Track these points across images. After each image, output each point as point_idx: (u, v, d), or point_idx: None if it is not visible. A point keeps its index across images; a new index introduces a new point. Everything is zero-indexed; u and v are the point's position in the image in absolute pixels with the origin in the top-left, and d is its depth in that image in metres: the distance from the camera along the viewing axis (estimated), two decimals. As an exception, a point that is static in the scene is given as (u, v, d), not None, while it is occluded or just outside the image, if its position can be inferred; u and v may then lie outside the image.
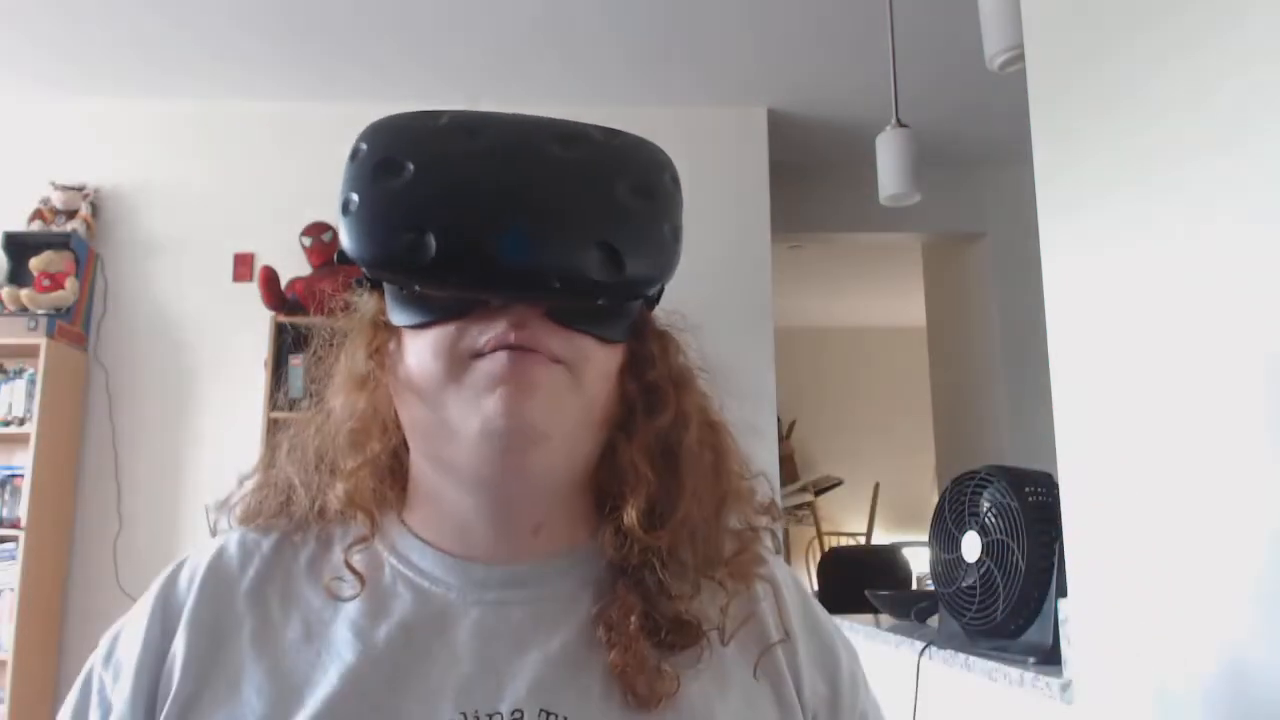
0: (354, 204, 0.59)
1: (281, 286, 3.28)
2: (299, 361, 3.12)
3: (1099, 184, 1.48)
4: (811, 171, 4.15)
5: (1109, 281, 1.46)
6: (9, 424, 3.16)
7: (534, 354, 0.58)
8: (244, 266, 3.48)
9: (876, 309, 6.94)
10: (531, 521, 0.64)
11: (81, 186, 3.46)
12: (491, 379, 0.58)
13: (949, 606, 1.81)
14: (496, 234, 0.56)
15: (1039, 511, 1.63)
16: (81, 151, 3.56)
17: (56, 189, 3.43)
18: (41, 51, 3.26)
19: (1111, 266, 1.45)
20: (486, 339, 0.58)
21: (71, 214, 3.41)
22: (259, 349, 3.27)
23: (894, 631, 2.12)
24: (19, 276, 3.28)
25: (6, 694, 2.95)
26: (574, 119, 0.63)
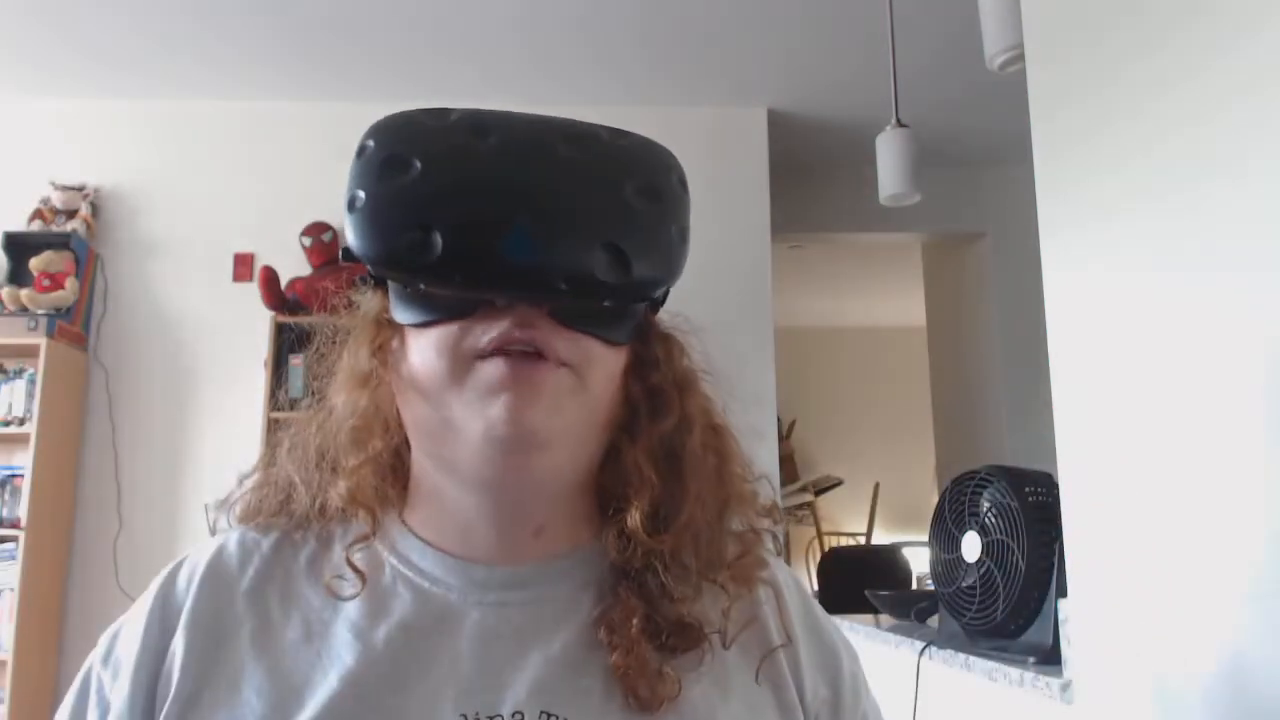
0: (360, 201, 0.58)
1: (281, 286, 3.29)
2: (299, 361, 3.12)
3: (1099, 183, 1.48)
4: (811, 171, 4.14)
5: (1109, 281, 1.46)
6: (9, 424, 3.16)
7: (538, 358, 0.58)
8: (244, 266, 3.47)
9: (876, 309, 6.94)
10: (533, 522, 0.63)
11: (81, 186, 3.46)
12: (495, 383, 0.57)
13: (949, 606, 1.81)
14: (503, 233, 0.56)
15: (1039, 511, 1.63)
16: (81, 151, 3.56)
17: (56, 189, 3.43)
18: (42, 51, 3.26)
19: (1111, 266, 1.45)
20: (490, 338, 0.58)
21: (71, 214, 3.41)
22: (259, 349, 3.27)
23: (894, 631, 2.12)
24: (19, 276, 3.28)
25: (6, 694, 2.94)
26: (574, 119, 0.63)
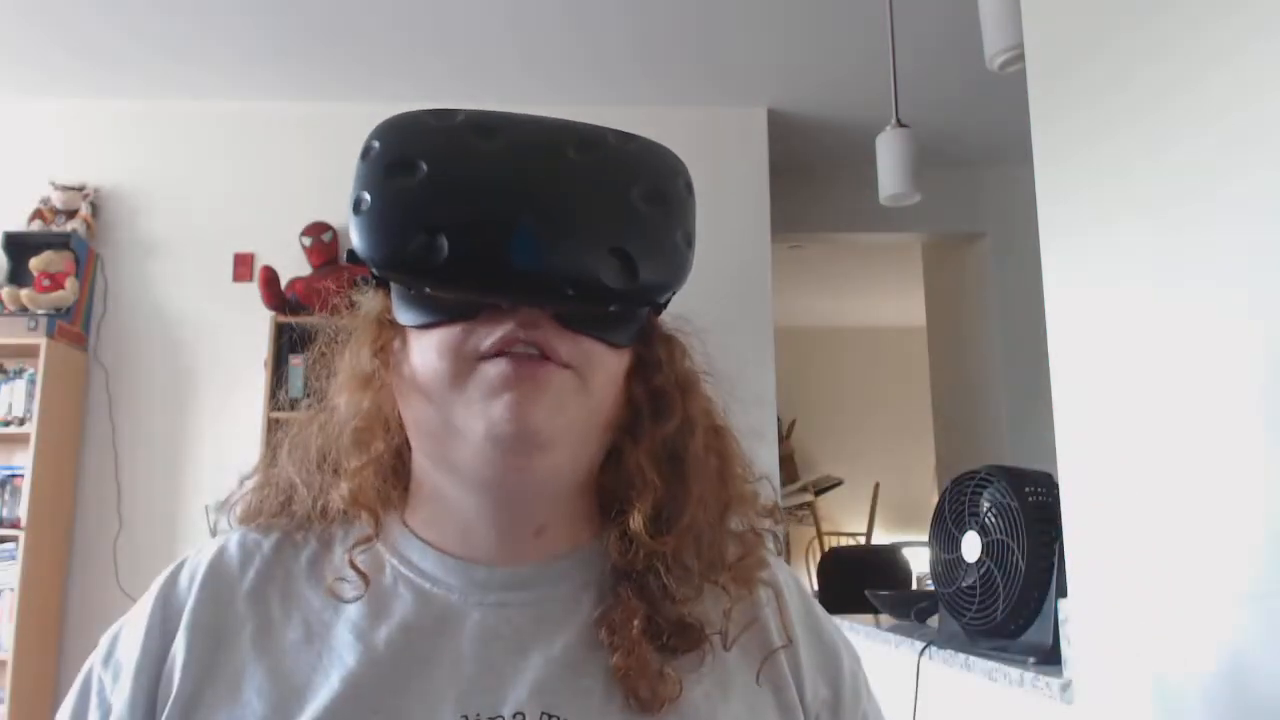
0: (365, 203, 0.58)
1: (281, 286, 3.29)
2: (299, 361, 3.12)
3: (1100, 188, 1.48)
4: (811, 171, 4.14)
5: (1109, 284, 1.46)
6: (9, 424, 3.16)
7: (541, 359, 0.58)
8: (244, 266, 3.48)
9: (876, 309, 6.94)
10: (534, 523, 0.63)
11: (81, 186, 3.46)
12: (498, 383, 0.57)
13: (949, 606, 1.81)
14: (509, 237, 0.56)
15: (1039, 511, 1.63)
16: (81, 151, 3.56)
17: (56, 189, 3.43)
18: (42, 52, 3.26)
19: (1112, 270, 1.45)
20: (494, 340, 0.58)
21: (71, 214, 3.41)
22: (259, 349, 3.27)
23: (894, 631, 2.12)
24: (19, 276, 3.28)
25: (6, 694, 2.94)
26: (573, 119, 0.63)
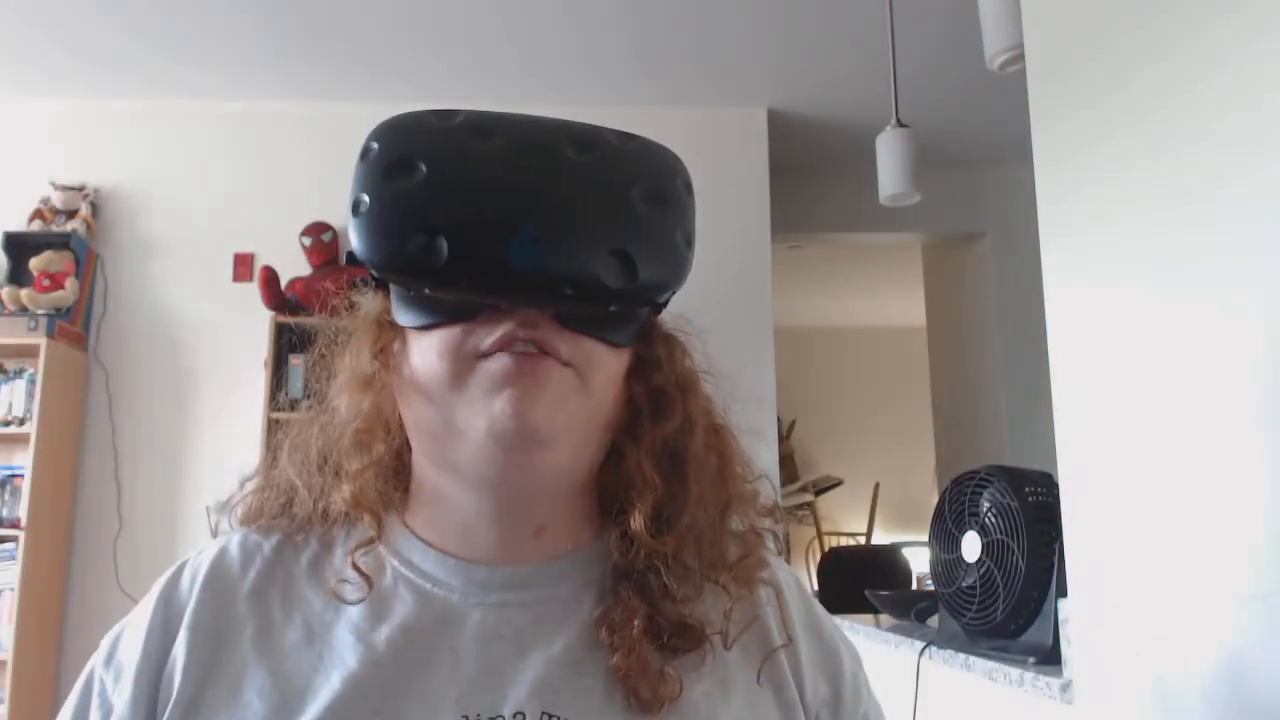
0: (364, 205, 0.58)
1: (281, 286, 3.29)
2: (299, 361, 3.12)
3: (1100, 188, 1.48)
4: (811, 171, 4.15)
5: (1109, 284, 1.46)
6: (9, 424, 3.17)
7: (542, 356, 0.58)
8: (244, 266, 3.48)
9: (876, 309, 6.94)
10: (534, 523, 0.63)
11: (81, 186, 3.46)
12: (500, 378, 0.57)
13: (949, 606, 1.81)
14: (509, 238, 0.56)
15: (1039, 511, 1.63)
16: (81, 151, 3.56)
17: (56, 189, 3.43)
18: (42, 52, 3.26)
19: (1112, 270, 1.45)
20: (493, 339, 0.58)
21: (71, 214, 3.41)
22: (259, 349, 3.27)
23: (894, 631, 2.12)
24: (19, 276, 3.28)
25: (6, 694, 2.95)
26: (573, 119, 0.63)
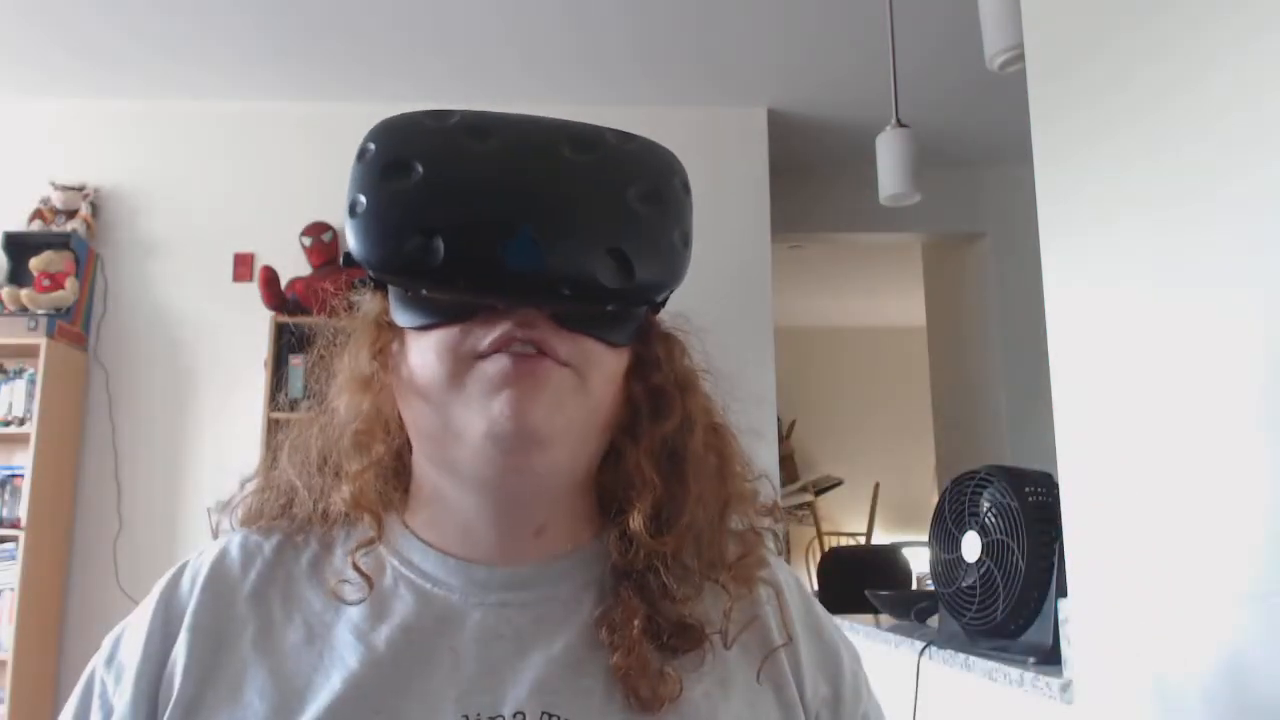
0: (361, 206, 0.58)
1: (281, 286, 3.29)
2: (299, 361, 3.13)
3: (1100, 188, 1.48)
4: (811, 171, 4.15)
5: (1109, 284, 1.46)
6: (9, 424, 3.17)
7: (540, 356, 0.58)
8: (244, 266, 3.48)
9: (876, 309, 6.94)
10: (534, 523, 0.63)
11: (81, 186, 3.46)
12: (498, 379, 0.57)
13: (949, 606, 1.81)
14: (506, 238, 0.56)
15: (1039, 511, 1.63)
16: (81, 151, 3.56)
17: (56, 189, 3.43)
18: (42, 52, 3.26)
19: (1112, 270, 1.45)
20: (491, 340, 0.58)
21: (71, 214, 3.41)
22: (259, 349, 3.27)
23: (894, 631, 2.12)
24: (19, 276, 3.28)
25: (6, 694, 2.94)
26: (573, 119, 0.63)
